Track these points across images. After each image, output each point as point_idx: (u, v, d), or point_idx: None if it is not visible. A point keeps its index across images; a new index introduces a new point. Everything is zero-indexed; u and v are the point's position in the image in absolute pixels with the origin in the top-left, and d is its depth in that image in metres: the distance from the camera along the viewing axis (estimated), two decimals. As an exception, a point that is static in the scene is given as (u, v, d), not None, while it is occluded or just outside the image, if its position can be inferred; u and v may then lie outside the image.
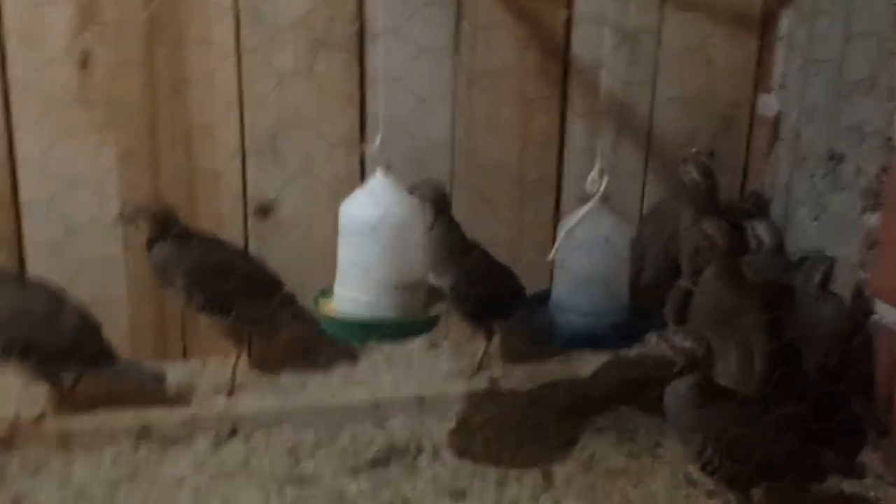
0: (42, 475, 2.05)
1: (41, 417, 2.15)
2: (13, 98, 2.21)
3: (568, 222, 2.15)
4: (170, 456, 2.14)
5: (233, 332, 2.37)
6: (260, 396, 2.33)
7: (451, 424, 2.30)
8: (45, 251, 2.29)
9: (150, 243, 2.23)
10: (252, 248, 2.43)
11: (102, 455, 2.12)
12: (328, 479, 2.09)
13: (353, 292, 1.98)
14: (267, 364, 2.45)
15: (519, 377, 2.46)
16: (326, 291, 2.07)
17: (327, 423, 2.28)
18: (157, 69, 2.28)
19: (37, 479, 2.03)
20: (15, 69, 2.19)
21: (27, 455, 2.09)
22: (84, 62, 2.22)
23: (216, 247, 2.32)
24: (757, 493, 1.90)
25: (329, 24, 2.34)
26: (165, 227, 2.21)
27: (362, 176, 2.42)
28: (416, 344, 2.59)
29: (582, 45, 2.50)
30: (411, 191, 2.09)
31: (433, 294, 2.12)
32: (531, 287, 2.35)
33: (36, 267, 2.29)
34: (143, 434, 2.17)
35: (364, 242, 1.93)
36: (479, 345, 2.47)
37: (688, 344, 1.85)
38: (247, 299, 2.27)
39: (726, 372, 2.04)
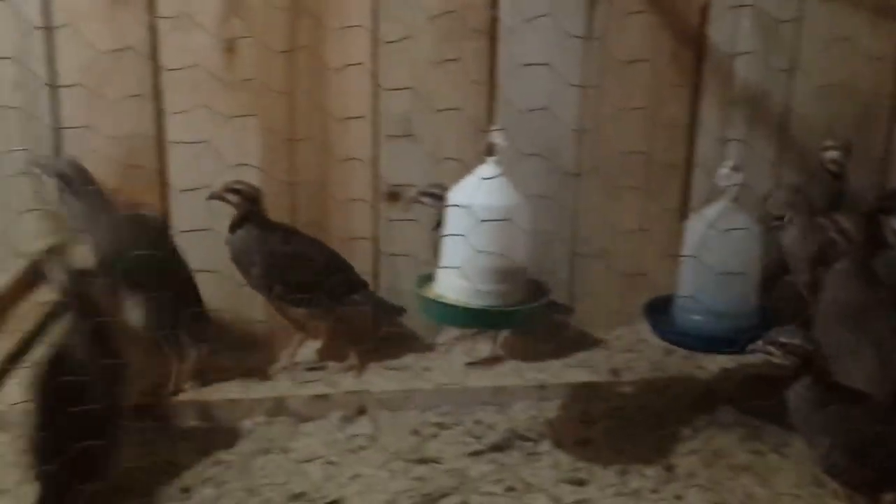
0: (184, 443, 2.16)
1: (180, 387, 2.27)
2: (164, 83, 2.32)
3: (697, 219, 2.12)
4: (301, 431, 2.22)
5: (304, 319, 2.42)
6: (386, 378, 2.39)
7: (573, 413, 2.32)
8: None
9: (233, 227, 2.28)
10: (381, 233, 2.49)
11: (240, 427, 2.23)
12: (451, 460, 2.13)
13: (456, 278, 1.99)
14: (341, 354, 2.48)
15: (643, 368, 2.45)
16: (430, 275, 2.10)
17: (450, 406, 2.32)
18: (298, 55, 2.35)
19: (178, 446, 2.15)
20: (166, 55, 2.30)
21: (169, 424, 2.21)
22: (230, 48, 2.32)
23: (293, 236, 2.37)
24: (889, 497, 1.84)
25: (464, 11, 2.36)
26: (251, 208, 2.27)
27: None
28: (537, 332, 2.62)
29: (718, 32, 2.45)
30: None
31: (537, 284, 2.11)
32: (654, 274, 2.33)
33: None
34: (276, 409, 2.26)
35: (469, 229, 1.94)
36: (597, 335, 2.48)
37: (796, 342, 1.81)
38: (323, 289, 2.31)
39: (859, 371, 1.98)
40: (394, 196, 2.49)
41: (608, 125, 2.49)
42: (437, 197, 2.28)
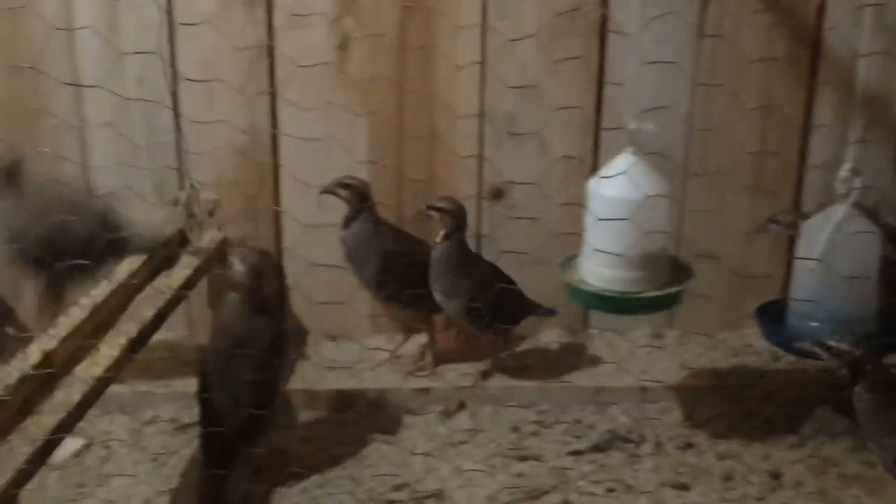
0: (292, 431, 2.22)
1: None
2: (279, 78, 2.38)
3: (813, 224, 2.08)
4: (404, 424, 2.26)
5: (412, 320, 2.46)
6: (485, 376, 2.41)
7: (675, 416, 2.29)
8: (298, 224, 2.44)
9: (346, 222, 2.31)
10: (485, 229, 2.50)
11: (345, 417, 2.28)
12: (551, 458, 2.14)
13: (599, 266, 2.05)
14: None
15: (749, 374, 2.41)
16: (572, 260, 2.15)
17: (550, 405, 2.33)
18: (407, 54, 2.38)
19: (287, 433, 2.21)
20: (282, 51, 2.36)
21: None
22: (343, 45, 2.37)
23: (402, 235, 2.38)
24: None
25: (573, 5, 2.35)
26: (362, 203, 2.29)
27: (595, 158, 2.44)
28: (640, 333, 2.60)
29: (836, 32, 2.38)
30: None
31: (677, 271, 2.13)
32: (763, 277, 2.28)
33: (290, 237, 2.48)
34: (380, 401, 2.31)
35: (611, 218, 1.98)
36: (701, 339, 2.46)
37: (843, 346, 1.77)
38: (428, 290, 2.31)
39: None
40: (497, 193, 2.50)
41: (719, 123, 2.43)
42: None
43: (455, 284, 2.25)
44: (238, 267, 1.99)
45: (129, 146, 2.31)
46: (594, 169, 2.40)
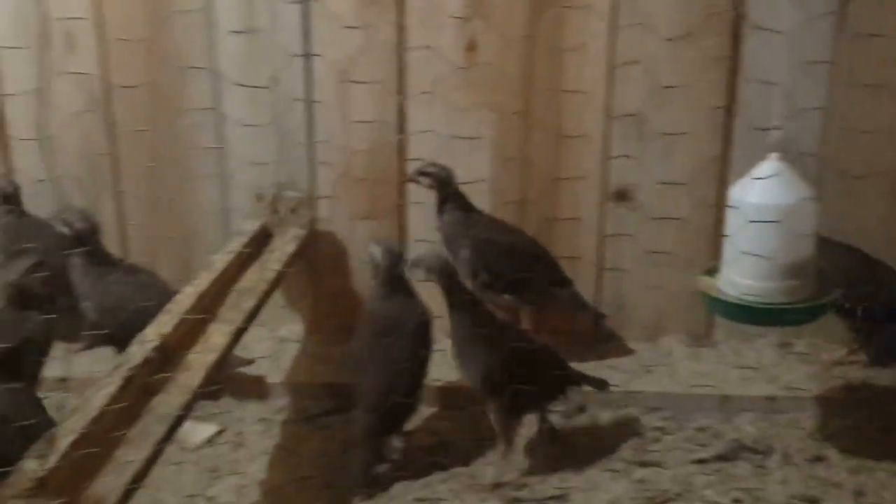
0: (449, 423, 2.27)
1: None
2: (408, 77, 2.42)
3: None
4: (523, 421, 2.22)
5: (507, 308, 2.42)
6: (607, 377, 2.38)
7: (805, 428, 2.22)
8: (423, 219, 2.48)
9: (439, 209, 2.33)
10: (609, 229, 2.49)
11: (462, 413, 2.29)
12: (675, 466, 2.10)
13: (742, 275, 1.97)
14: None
15: (884, 386, 2.32)
16: (711, 270, 2.08)
17: (674, 411, 2.29)
18: (535, 53, 2.38)
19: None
20: (412, 52, 2.40)
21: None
22: (471, 46, 2.39)
23: (496, 224, 2.38)
24: None
25: (706, 7, 2.31)
26: (447, 189, 2.30)
27: (724, 160, 2.39)
28: (767, 342, 2.53)
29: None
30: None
31: (823, 281, 2.05)
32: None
33: (416, 231, 2.52)
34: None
35: (757, 227, 1.91)
36: (833, 348, 2.38)
37: None
38: (528, 280, 2.32)
39: None
40: (622, 195, 2.47)
41: (856, 112, 2.33)
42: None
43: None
44: (379, 256, 2.07)
45: (263, 142, 2.41)
46: (724, 172, 2.36)
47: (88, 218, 2.23)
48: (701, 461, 2.11)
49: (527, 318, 2.46)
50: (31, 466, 1.38)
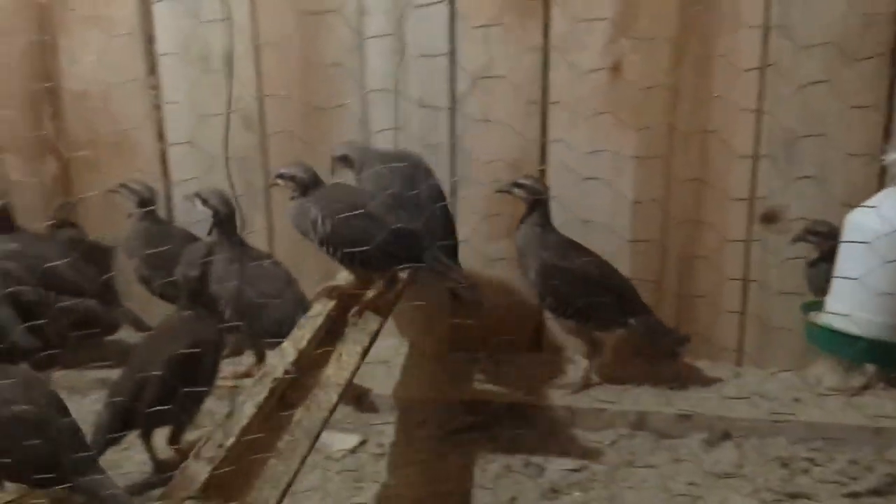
0: (549, 445, 2.26)
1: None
2: (552, 92, 2.44)
3: None
4: (663, 447, 2.23)
5: (580, 334, 2.41)
6: (752, 404, 2.33)
7: (966, 465, 2.11)
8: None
9: (521, 220, 2.32)
10: (754, 255, 2.43)
11: (602, 435, 2.28)
12: (825, 498, 2.03)
13: (852, 307, 1.84)
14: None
15: None
16: (818, 302, 1.97)
17: (823, 442, 2.21)
18: (683, 76, 2.37)
19: (544, 447, 2.25)
20: (555, 76, 2.42)
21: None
22: (616, 66, 2.38)
23: (571, 250, 2.32)
24: None
25: (861, 32, 2.24)
26: (536, 205, 2.29)
27: (880, 186, 2.29)
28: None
29: None
30: None
31: None
32: None
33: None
34: (639, 423, 2.29)
35: (869, 257, 1.79)
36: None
37: None
38: (594, 307, 2.28)
39: None
40: (770, 217, 2.41)
41: None
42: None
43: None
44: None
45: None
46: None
47: (226, 200, 2.29)
48: (854, 495, 2.03)
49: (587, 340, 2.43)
50: (198, 468, 1.45)
